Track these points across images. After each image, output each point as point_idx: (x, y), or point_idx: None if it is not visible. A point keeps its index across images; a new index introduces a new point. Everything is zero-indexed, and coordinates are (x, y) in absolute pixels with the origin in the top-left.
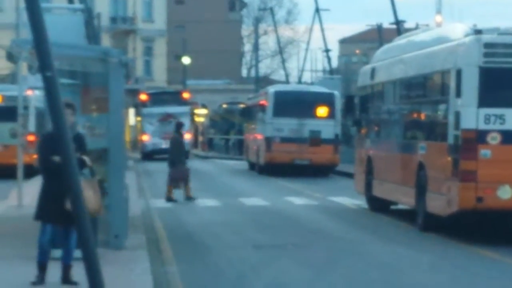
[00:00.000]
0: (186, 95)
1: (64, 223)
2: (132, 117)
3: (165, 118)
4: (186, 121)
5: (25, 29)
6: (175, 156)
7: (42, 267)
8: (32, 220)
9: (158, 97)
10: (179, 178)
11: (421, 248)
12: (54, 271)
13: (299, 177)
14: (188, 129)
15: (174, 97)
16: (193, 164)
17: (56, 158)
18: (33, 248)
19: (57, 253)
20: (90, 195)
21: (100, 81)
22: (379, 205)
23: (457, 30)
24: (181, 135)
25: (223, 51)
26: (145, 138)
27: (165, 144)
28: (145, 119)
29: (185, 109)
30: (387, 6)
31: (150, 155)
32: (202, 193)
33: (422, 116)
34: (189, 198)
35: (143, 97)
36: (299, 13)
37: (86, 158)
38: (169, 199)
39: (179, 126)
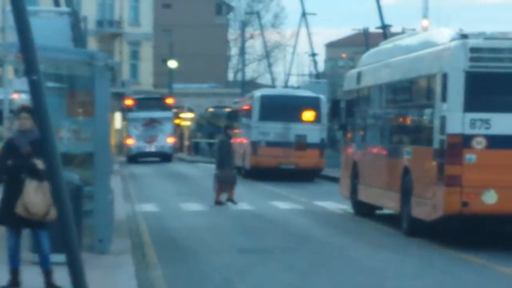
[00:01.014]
0: (169, 100)
1: (27, 227)
2: (118, 121)
3: (149, 123)
4: (169, 125)
5: (11, 32)
6: (224, 158)
7: (12, 271)
8: None
9: (143, 103)
10: (226, 180)
11: (406, 253)
12: (35, 275)
13: (284, 182)
14: (171, 133)
15: (158, 103)
16: (179, 168)
17: (9, 162)
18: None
19: (35, 257)
20: (38, 200)
21: (86, 84)
22: (364, 210)
23: (443, 35)
24: (229, 138)
25: (209, 55)
26: (130, 141)
27: (149, 148)
28: (130, 123)
29: (168, 114)
30: (374, 10)
31: (135, 158)
32: (187, 197)
33: (408, 121)
34: (232, 200)
35: (128, 102)
36: (286, 17)
37: (38, 162)
38: (219, 202)
39: (227, 129)
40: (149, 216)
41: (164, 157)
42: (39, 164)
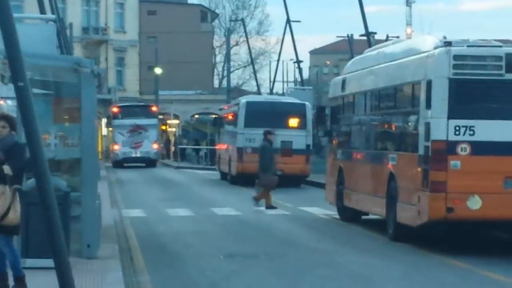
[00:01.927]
0: (154, 108)
1: None
2: (104, 127)
3: (135, 129)
4: (154, 132)
5: None
6: (267, 163)
7: None
8: None
9: (128, 110)
10: (270, 185)
11: (392, 258)
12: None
13: None
14: (156, 139)
15: (143, 110)
16: (165, 174)
17: None
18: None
19: (29, 262)
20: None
21: (72, 91)
22: (350, 215)
23: (427, 42)
24: (270, 143)
25: (195, 62)
26: (116, 147)
27: (134, 153)
28: (116, 130)
29: (153, 121)
30: (358, 17)
31: (121, 163)
32: (174, 202)
33: (393, 127)
34: (270, 206)
35: (114, 109)
36: (271, 24)
37: (5, 167)
38: (271, 207)
39: (268, 134)
40: (137, 221)
41: (149, 162)
42: (6, 169)
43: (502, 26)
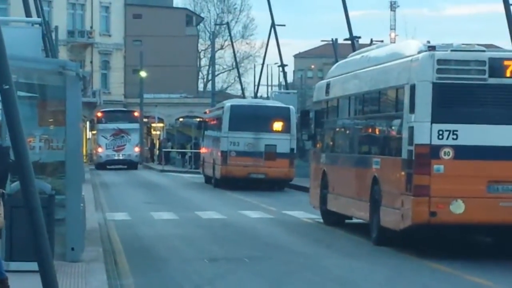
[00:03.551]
0: (136, 113)
1: None
2: (88, 131)
3: (118, 133)
4: (136, 136)
5: None
6: None
7: None
8: None
9: (112, 115)
10: None
11: (376, 262)
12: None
13: (254, 191)
14: (138, 143)
15: (126, 115)
16: (149, 177)
17: None
18: None
19: (13, 265)
20: None
21: (57, 94)
22: (334, 219)
23: (411, 47)
24: None
25: (180, 65)
26: (100, 150)
27: (117, 156)
28: (100, 133)
29: (135, 125)
30: (342, 22)
31: (104, 165)
32: (159, 206)
33: (377, 131)
34: None
35: (98, 114)
36: (255, 28)
37: None
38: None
39: None
40: (121, 225)
41: (130, 164)
42: None
43: (484, 31)
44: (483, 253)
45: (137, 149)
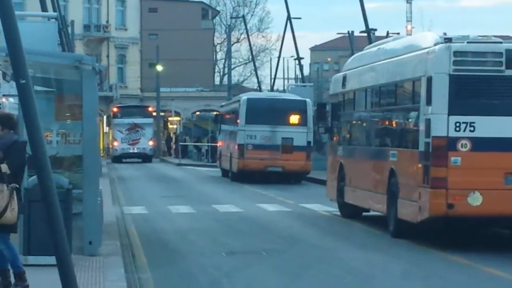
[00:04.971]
0: (150, 108)
1: None
2: (105, 125)
3: (133, 128)
4: (150, 130)
5: None
6: None
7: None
8: None
9: (127, 110)
10: None
11: (393, 254)
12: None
13: (271, 184)
14: (152, 137)
15: (141, 110)
16: (166, 170)
17: None
18: None
19: (31, 259)
20: None
21: (74, 88)
22: (351, 212)
23: (427, 39)
24: None
25: (196, 59)
26: (116, 144)
27: (132, 150)
28: (116, 128)
29: (149, 120)
30: (358, 14)
31: (119, 158)
32: (176, 199)
33: (393, 124)
34: None
35: (114, 109)
36: (271, 21)
37: (3, 166)
38: None
39: None
40: (138, 218)
41: (145, 157)
42: (4, 167)
43: (502, 22)
44: (500, 245)
45: (151, 143)
